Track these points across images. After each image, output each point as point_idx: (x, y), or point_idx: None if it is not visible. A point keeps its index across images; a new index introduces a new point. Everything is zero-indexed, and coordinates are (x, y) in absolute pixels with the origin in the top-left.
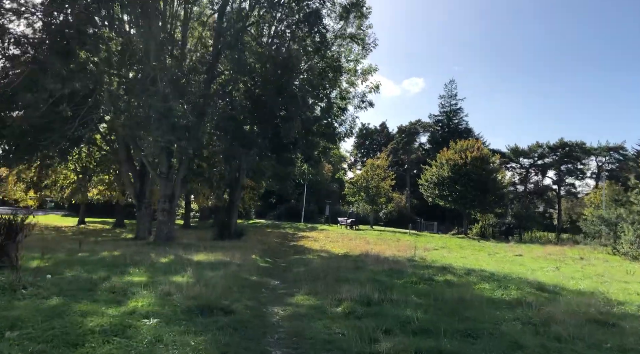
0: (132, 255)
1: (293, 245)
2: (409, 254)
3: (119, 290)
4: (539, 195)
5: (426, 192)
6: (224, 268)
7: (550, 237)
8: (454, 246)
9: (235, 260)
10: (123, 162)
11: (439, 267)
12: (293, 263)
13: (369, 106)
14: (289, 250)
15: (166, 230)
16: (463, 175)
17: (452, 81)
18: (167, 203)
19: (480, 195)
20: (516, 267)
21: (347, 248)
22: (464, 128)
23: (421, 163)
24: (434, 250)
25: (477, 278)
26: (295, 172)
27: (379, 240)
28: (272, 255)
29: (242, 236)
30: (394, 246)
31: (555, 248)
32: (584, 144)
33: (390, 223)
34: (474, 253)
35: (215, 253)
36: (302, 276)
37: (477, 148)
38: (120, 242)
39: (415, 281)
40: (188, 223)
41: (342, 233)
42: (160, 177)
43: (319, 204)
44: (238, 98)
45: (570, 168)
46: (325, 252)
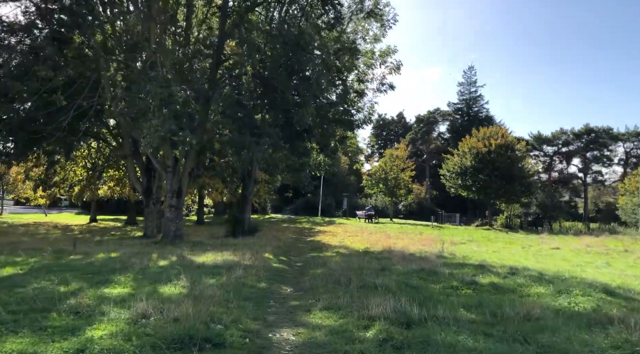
0: (129, 257)
1: (310, 240)
2: (436, 249)
3: (85, 309)
4: (564, 183)
5: (448, 183)
6: (229, 273)
7: (580, 227)
8: (481, 239)
9: (244, 260)
10: (129, 156)
11: (475, 265)
12: (309, 262)
13: (389, 89)
14: (305, 247)
15: (174, 228)
16: (487, 163)
17: (472, 67)
18: (174, 198)
19: (506, 184)
20: (560, 263)
21: (368, 243)
22: (484, 116)
23: (441, 153)
24: (461, 244)
25: (526, 280)
26: (310, 163)
27: (400, 234)
28: (286, 252)
29: (257, 233)
30: (418, 240)
31: (592, 239)
32: (610, 129)
33: (410, 216)
34: (506, 247)
35: (225, 252)
36: (320, 281)
37: (501, 135)
38: (125, 241)
39: (457, 286)
40: (202, 219)
41: (361, 227)
42: (166, 170)
43: (336, 197)
44: (246, 82)
45: (597, 155)
46: (344, 248)
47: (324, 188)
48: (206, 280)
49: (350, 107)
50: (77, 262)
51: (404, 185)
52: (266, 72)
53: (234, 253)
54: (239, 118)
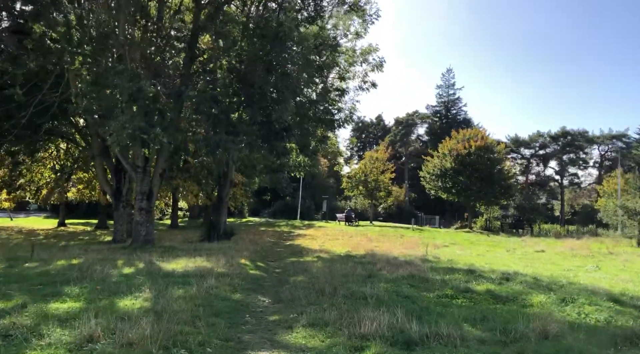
0: (92, 265)
1: (289, 244)
2: (420, 252)
3: (20, 331)
4: (541, 186)
5: (428, 185)
6: (200, 282)
7: (559, 229)
8: (463, 242)
9: (218, 267)
10: (97, 156)
11: (465, 270)
12: (289, 268)
13: (371, 87)
14: (285, 251)
15: (144, 232)
16: (467, 165)
17: (450, 70)
18: (145, 201)
19: (486, 187)
20: (550, 267)
21: (349, 247)
22: (462, 118)
23: (420, 156)
24: (444, 247)
25: (523, 286)
26: (290, 164)
27: (381, 237)
28: (264, 257)
29: (233, 236)
30: (400, 244)
31: (574, 241)
32: (586, 132)
33: (390, 218)
34: (490, 250)
35: (197, 258)
36: (302, 291)
37: (481, 137)
38: (92, 246)
39: (452, 295)
40: (176, 222)
41: (341, 230)
42: (136, 171)
43: (316, 200)
44: (221, 77)
45: (573, 158)
46: (325, 252)
47: (303, 190)
48: (173, 291)
49: (332, 105)
50: (31, 271)
51: (384, 187)
52: (243, 66)
53: (208, 259)
54: (214, 115)
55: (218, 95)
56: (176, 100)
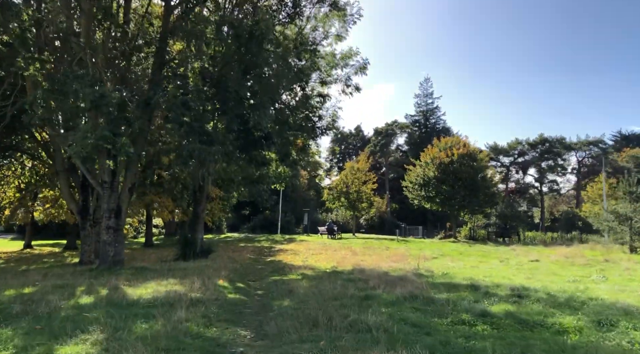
0: (45, 294)
1: (270, 260)
2: (410, 266)
3: None
4: (521, 193)
5: (411, 194)
6: (168, 314)
7: (544, 237)
8: (452, 252)
9: (192, 291)
10: (61, 172)
11: (467, 285)
12: (272, 289)
13: (355, 91)
14: (266, 269)
15: (112, 252)
16: (450, 174)
17: (428, 79)
18: (113, 218)
19: (469, 195)
20: (553, 278)
21: (334, 262)
22: (442, 127)
23: (400, 166)
24: (433, 259)
25: (542, 305)
26: (270, 174)
27: (366, 250)
28: (244, 276)
29: (211, 254)
30: (387, 256)
31: (565, 249)
32: (564, 139)
33: (372, 230)
34: (483, 261)
35: (170, 280)
36: (290, 321)
37: (463, 145)
38: (55, 270)
39: (469, 321)
40: (150, 241)
41: (324, 243)
42: (103, 187)
43: (296, 213)
44: (193, 81)
45: (551, 165)
46: (309, 268)
47: (283, 204)
48: (134, 328)
49: (313, 113)
50: None
51: (366, 198)
52: (216, 69)
53: (182, 282)
54: (186, 123)
55: (190, 101)
56: (144, 108)
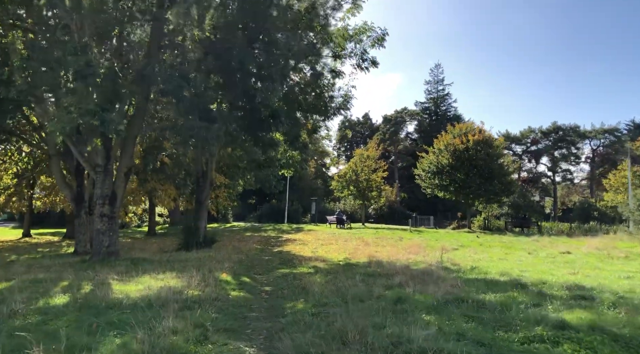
0: (20, 290)
1: (278, 251)
2: (431, 258)
3: None
4: (533, 182)
5: (424, 183)
6: (152, 321)
7: (562, 227)
8: (471, 243)
9: (190, 287)
10: (53, 155)
11: (507, 282)
12: (282, 285)
13: (371, 66)
14: (273, 260)
15: (107, 242)
16: (465, 161)
17: (438, 65)
18: (107, 205)
19: (485, 183)
20: (602, 273)
21: (347, 253)
22: (452, 115)
23: (409, 155)
24: (454, 250)
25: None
26: (278, 157)
27: (378, 240)
28: (250, 269)
29: (215, 244)
30: (402, 248)
31: (594, 240)
32: (578, 127)
33: (381, 220)
34: (509, 253)
35: (167, 273)
36: (309, 334)
37: (478, 131)
38: (46, 261)
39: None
40: (153, 230)
41: (333, 233)
42: (96, 171)
43: (303, 203)
44: (192, 49)
45: (565, 154)
46: (321, 260)
47: (290, 193)
48: (100, 347)
49: (325, 91)
50: None
51: (375, 186)
52: (219, 36)
53: (179, 276)
54: (184, 98)
55: (189, 72)
56: (139, 82)
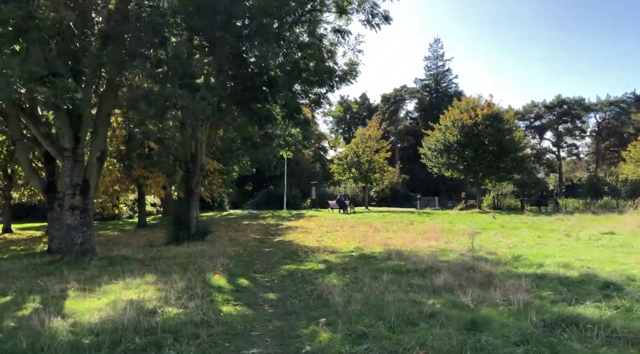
0: None
1: (279, 241)
2: (457, 245)
3: None
4: (537, 158)
5: (430, 162)
6: None
7: (577, 205)
8: (490, 225)
9: (170, 300)
10: (18, 140)
11: (585, 280)
12: (289, 289)
13: (383, 22)
14: (276, 252)
15: (80, 239)
16: (474, 137)
17: (438, 40)
18: (78, 196)
19: (496, 160)
20: None
21: (357, 241)
22: (454, 91)
23: (410, 134)
24: (476, 235)
25: None
26: (277, 133)
27: (387, 225)
28: (248, 266)
29: (208, 235)
30: (417, 233)
31: (631, 217)
32: (582, 100)
33: (384, 202)
34: (541, 236)
35: (147, 276)
36: None
37: (487, 105)
38: (7, 264)
39: None
40: (143, 221)
41: (337, 219)
42: (63, 156)
43: (302, 188)
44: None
45: (569, 128)
46: (330, 252)
47: (288, 178)
48: None
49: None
50: None
51: (378, 168)
52: None
53: (160, 281)
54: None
55: (163, 27)
56: (103, 43)
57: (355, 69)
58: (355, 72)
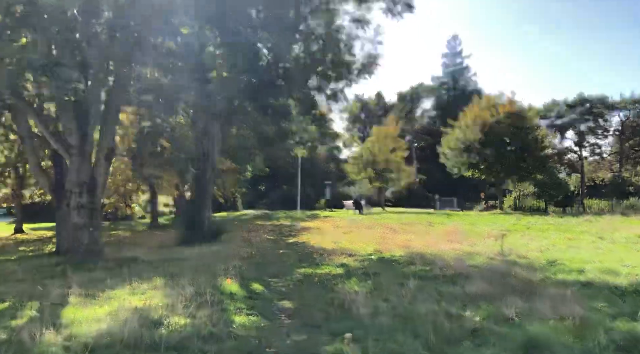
0: None
1: (293, 242)
2: (484, 248)
3: None
4: (558, 158)
5: (450, 162)
6: None
7: (602, 206)
8: (515, 227)
9: (176, 308)
10: (26, 137)
11: (628, 289)
12: (307, 296)
13: (406, 10)
14: (290, 255)
15: (86, 239)
16: (496, 135)
17: (455, 36)
18: (85, 195)
19: (519, 160)
20: None
21: (375, 243)
22: (472, 89)
23: (426, 133)
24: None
25: None
26: (292, 130)
27: (407, 226)
28: (262, 269)
29: (221, 236)
30: (438, 235)
31: None
32: (605, 98)
33: (399, 203)
34: (572, 238)
35: (154, 282)
36: None
37: (509, 102)
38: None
39: None
40: (156, 221)
41: (353, 220)
42: (69, 152)
43: (315, 188)
44: None
45: (592, 127)
46: (348, 255)
47: (301, 178)
48: None
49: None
50: None
51: (395, 167)
52: None
53: (168, 286)
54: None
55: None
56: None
57: (375, 62)
58: (375, 64)
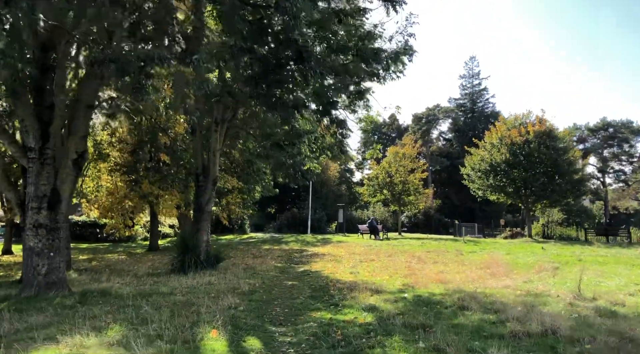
0: None
1: (304, 271)
2: (548, 286)
3: None
4: None
5: (473, 184)
6: None
7: None
8: (564, 258)
9: None
10: None
11: None
12: None
13: None
14: (301, 288)
15: (44, 268)
16: (525, 157)
17: (473, 58)
18: (44, 211)
19: (550, 183)
20: None
21: (402, 275)
22: (490, 111)
23: (443, 156)
24: (556, 270)
25: None
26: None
27: (432, 255)
28: (264, 310)
29: (221, 262)
30: (476, 266)
31: None
32: (630, 123)
33: (416, 228)
34: None
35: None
36: None
37: (538, 121)
38: None
39: None
40: (155, 243)
41: (369, 245)
42: (27, 157)
43: (327, 211)
44: None
45: (615, 152)
46: (373, 290)
47: (312, 200)
48: None
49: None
50: None
51: (413, 189)
52: None
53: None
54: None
55: None
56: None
57: (411, 49)
58: (411, 51)
